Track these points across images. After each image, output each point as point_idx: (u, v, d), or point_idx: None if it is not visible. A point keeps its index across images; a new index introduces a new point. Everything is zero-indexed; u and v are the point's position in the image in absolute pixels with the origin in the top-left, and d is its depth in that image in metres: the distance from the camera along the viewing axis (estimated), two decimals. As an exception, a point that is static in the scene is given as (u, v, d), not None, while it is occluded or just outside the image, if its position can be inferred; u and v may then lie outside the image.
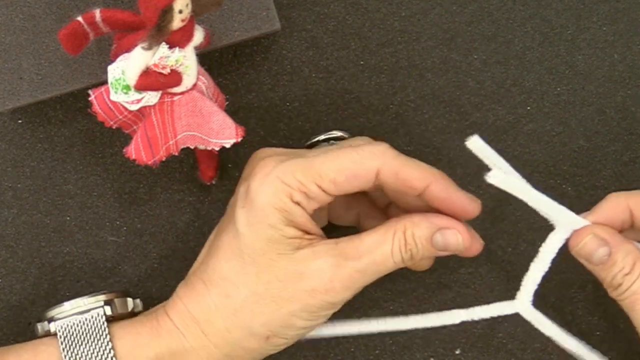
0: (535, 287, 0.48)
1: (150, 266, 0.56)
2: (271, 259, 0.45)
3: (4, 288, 0.55)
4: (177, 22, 0.43)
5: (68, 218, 0.56)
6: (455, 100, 0.57)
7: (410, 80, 0.57)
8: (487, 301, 0.50)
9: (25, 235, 0.55)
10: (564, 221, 0.47)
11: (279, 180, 0.44)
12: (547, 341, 0.50)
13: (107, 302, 0.48)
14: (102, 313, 0.48)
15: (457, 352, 0.55)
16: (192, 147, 0.51)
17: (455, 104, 0.57)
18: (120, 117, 0.48)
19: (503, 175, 0.46)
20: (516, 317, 0.49)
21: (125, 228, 0.56)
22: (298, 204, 0.45)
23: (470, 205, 0.47)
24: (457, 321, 0.49)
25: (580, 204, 0.56)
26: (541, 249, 0.48)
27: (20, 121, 0.56)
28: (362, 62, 0.57)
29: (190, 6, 0.43)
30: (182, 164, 0.56)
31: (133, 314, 0.50)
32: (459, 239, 0.47)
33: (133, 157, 0.48)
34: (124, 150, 0.48)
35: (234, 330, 0.46)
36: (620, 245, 0.45)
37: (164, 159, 0.49)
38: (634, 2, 0.58)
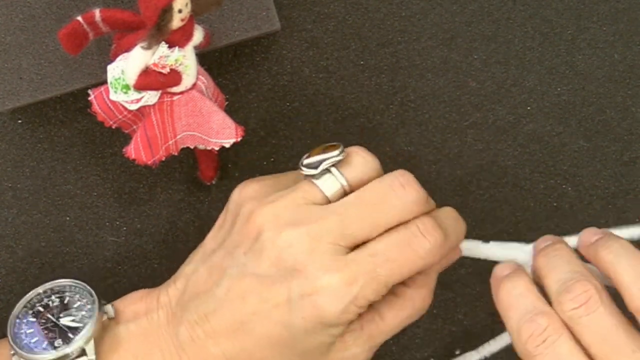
0: None
1: (150, 266, 0.56)
2: (312, 350, 0.45)
3: (4, 288, 0.55)
4: (176, 22, 0.43)
5: (68, 218, 0.56)
6: (455, 100, 0.57)
7: (410, 80, 0.57)
8: (488, 301, 0.50)
9: (25, 235, 0.55)
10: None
11: (355, 306, 0.43)
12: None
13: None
14: None
15: (457, 352, 0.55)
16: (192, 147, 0.51)
17: (455, 104, 0.57)
18: (120, 116, 0.48)
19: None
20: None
21: (125, 228, 0.56)
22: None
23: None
24: None
25: (580, 204, 0.57)
26: None
27: (20, 121, 0.56)
28: (362, 62, 0.57)
29: (189, 6, 0.43)
30: (182, 164, 0.56)
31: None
32: (455, 258, 0.49)
33: (133, 157, 0.48)
34: (124, 150, 0.48)
35: None
36: None
37: (163, 158, 0.49)
38: (634, 2, 0.58)
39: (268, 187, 0.46)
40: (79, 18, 0.46)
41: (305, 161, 0.46)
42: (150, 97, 0.46)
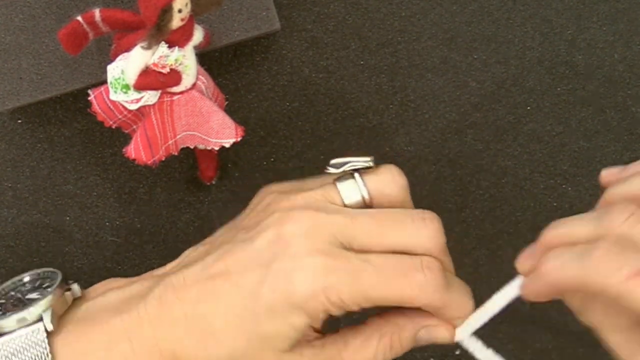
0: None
1: (150, 266, 0.56)
2: (262, 349, 0.43)
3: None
4: (176, 22, 0.43)
5: (68, 218, 0.56)
6: (455, 100, 0.57)
7: (410, 80, 0.57)
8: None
9: (25, 235, 0.55)
10: None
11: (325, 296, 0.42)
12: (548, 342, 0.50)
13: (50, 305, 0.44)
14: (42, 329, 0.44)
15: (457, 352, 0.55)
16: (191, 147, 0.51)
17: (455, 104, 0.57)
18: (120, 116, 0.48)
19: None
20: (516, 317, 0.49)
21: (125, 228, 0.56)
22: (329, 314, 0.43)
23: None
24: None
25: (580, 204, 0.57)
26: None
27: (20, 121, 0.56)
28: (362, 62, 0.57)
29: (189, 6, 0.43)
30: (182, 164, 0.56)
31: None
32: (446, 333, 0.46)
33: (133, 156, 0.48)
34: (124, 150, 0.48)
35: None
36: None
37: (163, 158, 0.49)
38: (634, 2, 0.58)
39: (292, 186, 0.46)
40: (79, 18, 0.46)
41: (332, 161, 0.45)
42: (150, 97, 0.46)
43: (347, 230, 0.43)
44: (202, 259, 0.44)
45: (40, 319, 0.44)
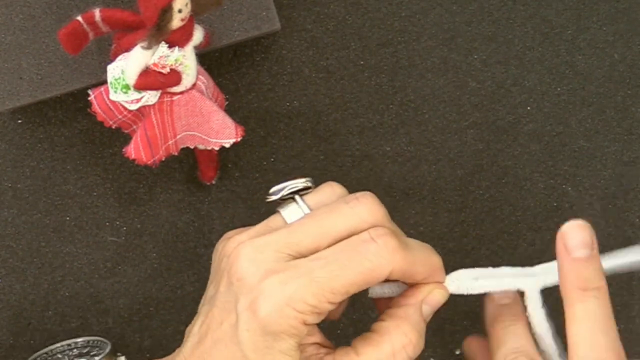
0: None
1: (150, 266, 0.56)
2: None
3: (4, 288, 0.55)
4: (176, 22, 0.43)
5: (68, 218, 0.56)
6: (455, 100, 0.57)
7: (410, 80, 0.57)
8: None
9: (25, 235, 0.55)
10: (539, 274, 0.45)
11: (291, 308, 0.41)
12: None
13: None
14: None
15: (457, 352, 0.55)
16: (192, 147, 0.51)
17: (455, 104, 0.57)
18: (120, 116, 0.48)
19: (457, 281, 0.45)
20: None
21: (125, 228, 0.56)
22: (310, 324, 0.42)
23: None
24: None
25: (580, 204, 0.57)
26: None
27: (20, 121, 0.56)
28: (362, 62, 0.57)
29: (189, 6, 0.43)
30: (182, 164, 0.56)
31: None
32: (441, 292, 0.45)
33: (133, 157, 0.48)
34: (124, 150, 0.48)
35: None
36: None
37: (163, 158, 0.49)
38: (634, 2, 0.58)
39: (244, 229, 0.45)
40: (79, 18, 0.46)
41: (272, 189, 0.44)
42: (150, 97, 0.46)
43: (289, 241, 0.42)
44: (192, 330, 0.44)
45: None
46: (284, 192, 0.44)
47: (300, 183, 0.44)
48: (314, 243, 0.42)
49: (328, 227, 0.42)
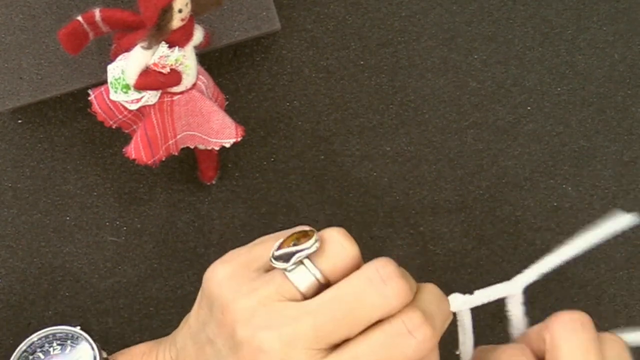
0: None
1: (150, 266, 0.56)
2: None
3: (3, 288, 0.55)
4: (176, 22, 0.43)
5: (68, 218, 0.56)
6: (455, 100, 0.57)
7: (410, 80, 0.57)
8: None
9: (25, 235, 0.55)
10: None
11: None
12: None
13: None
14: None
15: (457, 352, 0.55)
16: (192, 147, 0.51)
17: (455, 104, 0.57)
18: (120, 116, 0.48)
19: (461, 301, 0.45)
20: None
21: (125, 228, 0.56)
22: None
23: None
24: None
25: (580, 204, 0.57)
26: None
27: (20, 121, 0.56)
28: (362, 62, 0.57)
29: (189, 5, 0.43)
30: (182, 164, 0.56)
31: None
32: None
33: (133, 156, 0.48)
34: (124, 150, 0.48)
35: None
36: None
37: (163, 158, 0.49)
38: (634, 2, 0.58)
39: (241, 269, 0.43)
40: (79, 18, 0.46)
41: (276, 253, 0.41)
42: (150, 97, 0.46)
43: (316, 334, 0.40)
44: None
45: None
46: (294, 260, 0.41)
47: (311, 245, 0.41)
48: (345, 333, 0.40)
49: (359, 318, 0.40)
